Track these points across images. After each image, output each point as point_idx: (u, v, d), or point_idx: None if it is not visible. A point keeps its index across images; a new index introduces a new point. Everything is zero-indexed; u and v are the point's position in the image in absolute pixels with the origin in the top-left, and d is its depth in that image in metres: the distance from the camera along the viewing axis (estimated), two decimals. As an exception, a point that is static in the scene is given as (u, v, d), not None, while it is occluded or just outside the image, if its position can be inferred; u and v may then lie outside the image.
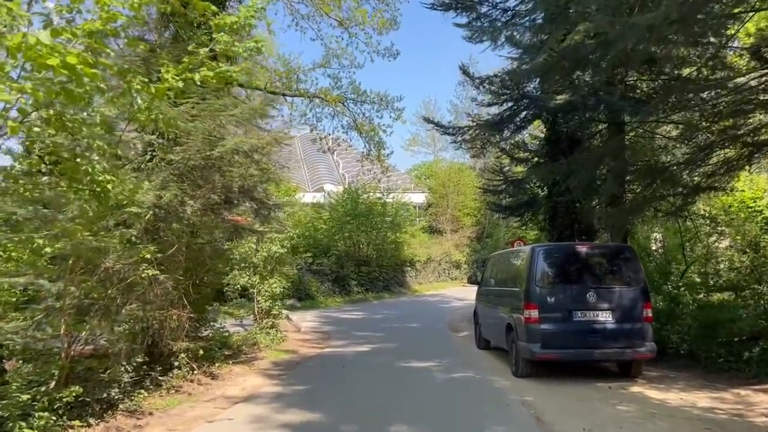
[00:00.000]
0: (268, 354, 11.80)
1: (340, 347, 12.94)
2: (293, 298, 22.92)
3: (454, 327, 16.88)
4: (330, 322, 17.93)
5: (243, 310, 13.71)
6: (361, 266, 27.73)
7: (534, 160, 16.09)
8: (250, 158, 8.60)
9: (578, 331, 8.64)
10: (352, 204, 28.18)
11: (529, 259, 9.03)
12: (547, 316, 8.68)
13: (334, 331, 15.74)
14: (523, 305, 8.88)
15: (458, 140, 14.89)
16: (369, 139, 18.57)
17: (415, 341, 13.83)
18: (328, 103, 17.76)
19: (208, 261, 9.72)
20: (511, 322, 9.39)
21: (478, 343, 12.49)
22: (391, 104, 17.42)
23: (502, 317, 9.98)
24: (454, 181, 39.89)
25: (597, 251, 9.37)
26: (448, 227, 39.24)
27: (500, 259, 11.46)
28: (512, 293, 9.68)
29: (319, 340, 14.27)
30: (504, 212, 17.28)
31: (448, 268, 36.87)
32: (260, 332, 12.99)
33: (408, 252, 32.33)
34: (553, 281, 8.96)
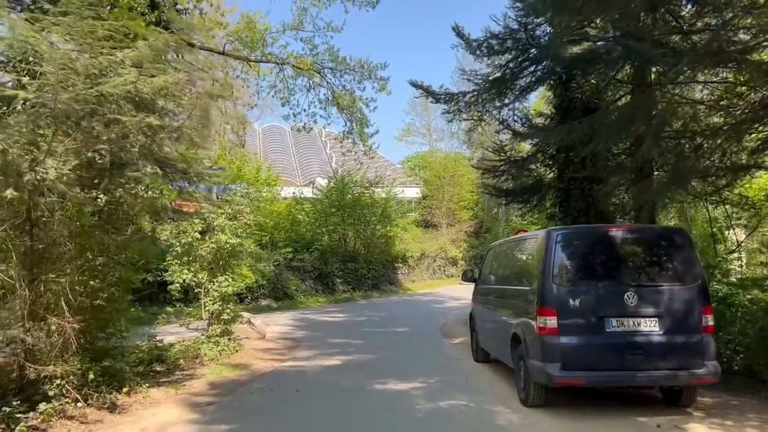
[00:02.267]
0: (210, 370, 9.38)
1: (304, 360, 10.51)
2: (269, 298, 20.60)
3: (448, 332, 14.46)
4: (304, 326, 15.49)
5: (187, 314, 11.21)
6: (348, 262, 25.28)
7: (540, 137, 13.63)
8: (150, 106, 6.14)
9: (613, 345, 6.22)
10: (337, 194, 25.71)
11: (544, 247, 6.58)
12: (569, 325, 6.27)
13: (305, 338, 13.30)
14: (535, 310, 6.46)
15: (452, 109, 12.41)
16: (350, 115, 16.09)
17: (399, 351, 11.40)
18: (302, 71, 15.30)
19: (114, 251, 7.28)
20: (519, 332, 6.96)
21: (476, 355, 10.09)
22: (373, 73, 14.97)
23: (506, 324, 7.56)
24: (450, 171, 37.41)
25: (637, 236, 6.86)
26: (443, 221, 36.78)
27: (503, 250, 8.99)
28: (520, 294, 7.25)
29: (283, 349, 11.83)
30: (505, 198, 14.84)
31: (444, 265, 34.44)
32: (207, 341, 10.58)
33: (400, 247, 29.88)
34: (577, 277, 6.52)
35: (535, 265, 6.84)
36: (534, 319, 6.48)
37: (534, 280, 6.74)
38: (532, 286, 6.79)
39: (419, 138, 51.91)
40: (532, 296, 6.71)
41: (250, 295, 20.27)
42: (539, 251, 6.75)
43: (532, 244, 7.27)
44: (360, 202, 25.78)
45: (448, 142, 49.11)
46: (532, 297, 6.67)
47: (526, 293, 6.95)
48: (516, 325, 7.10)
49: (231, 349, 10.78)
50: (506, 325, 7.55)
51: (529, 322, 6.68)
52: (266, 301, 20.50)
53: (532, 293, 6.72)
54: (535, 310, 6.46)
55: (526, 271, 7.25)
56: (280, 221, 25.34)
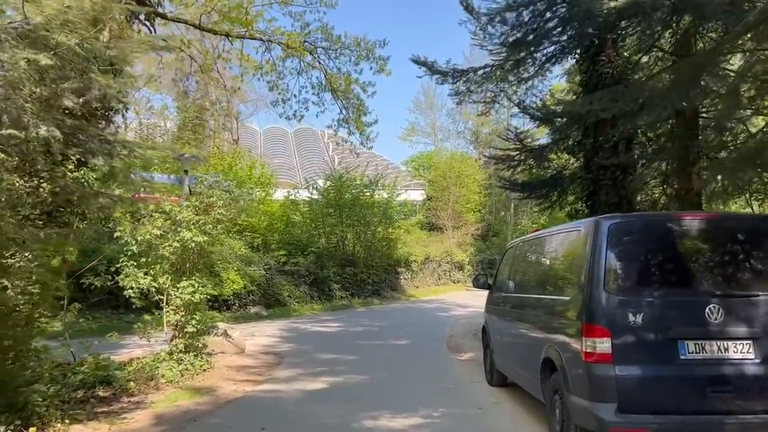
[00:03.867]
0: (165, 396, 7.65)
1: (284, 381, 8.74)
2: (259, 305, 18.87)
3: (455, 345, 12.66)
4: (293, 338, 13.72)
5: (146, 326, 9.43)
6: (346, 266, 23.49)
7: (562, 120, 11.86)
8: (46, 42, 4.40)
9: (690, 379, 4.47)
10: (335, 193, 23.94)
11: (591, 243, 4.81)
12: (628, 351, 4.52)
13: (290, 353, 11.54)
14: (579, 328, 4.69)
15: (460, 89, 10.68)
16: (346, 102, 14.36)
17: (397, 370, 9.63)
18: (292, 51, 13.60)
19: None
20: (554, 357, 5.19)
21: (490, 377, 8.31)
22: (371, 52, 13.24)
23: (534, 344, 5.80)
24: (456, 171, 35.55)
25: (722, 227, 5.02)
26: (449, 223, 34.93)
27: (527, 250, 7.15)
28: (554, 305, 5.47)
29: (261, 367, 10.07)
30: (521, 192, 13.03)
31: (450, 270, 32.58)
32: (168, 359, 8.84)
33: (402, 250, 28.05)
34: (637, 284, 4.75)
35: (576, 267, 5.07)
36: (577, 341, 4.71)
37: (575, 287, 4.98)
38: (571, 296, 5.02)
39: (424, 138, 50.26)
40: (572, 309, 4.95)
41: (238, 301, 18.57)
42: (583, 249, 4.98)
43: (570, 240, 5.48)
44: (359, 201, 23.99)
45: (454, 142, 47.48)
46: (573, 311, 4.91)
47: (564, 305, 5.17)
48: (549, 347, 5.32)
49: (197, 368, 9.04)
50: (534, 346, 5.78)
51: (569, 343, 4.91)
52: (256, 309, 18.75)
53: (572, 305, 4.96)
54: (580, 328, 4.69)
55: (563, 275, 5.48)
56: (273, 222, 23.62)
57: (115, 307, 16.03)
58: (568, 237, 5.53)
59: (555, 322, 5.32)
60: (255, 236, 22.58)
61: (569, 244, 5.46)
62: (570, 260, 5.33)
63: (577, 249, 5.14)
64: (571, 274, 5.19)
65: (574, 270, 5.10)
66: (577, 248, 5.15)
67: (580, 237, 5.15)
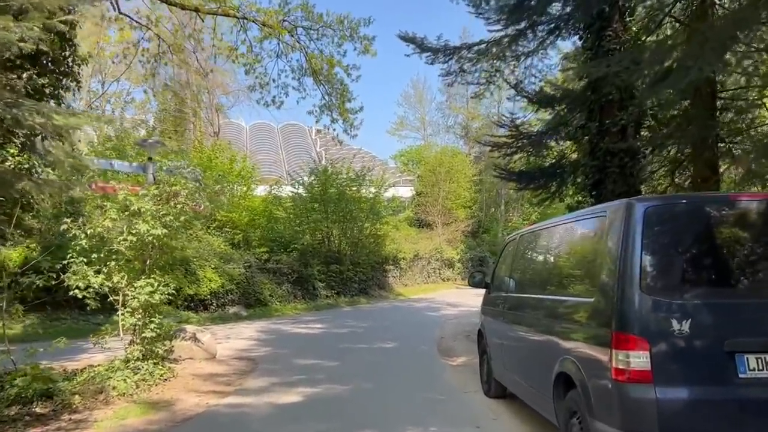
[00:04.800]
0: (113, 413, 6.61)
1: (254, 393, 7.71)
2: (238, 305, 17.77)
3: (446, 349, 11.68)
4: (271, 341, 12.69)
5: (104, 329, 8.36)
6: (331, 264, 22.45)
7: (561, 107, 10.91)
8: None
9: (751, 403, 3.52)
10: (320, 186, 22.88)
11: (622, 231, 3.83)
12: (671, 367, 3.57)
13: (266, 358, 10.50)
14: (607, 338, 3.72)
15: (452, 69, 9.68)
16: (329, 86, 13.33)
17: (383, 378, 8.63)
18: (270, 31, 12.50)
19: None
20: (571, 372, 4.22)
21: (486, 387, 7.35)
22: (355, 31, 12.21)
23: (544, 355, 4.83)
24: (446, 166, 34.58)
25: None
26: (438, 220, 33.96)
27: (531, 243, 6.12)
28: (570, 309, 4.49)
29: (232, 375, 9.03)
30: (518, 182, 12.04)
31: (439, 267, 31.62)
32: (123, 368, 7.78)
33: (391, 247, 27.04)
34: (682, 283, 3.78)
35: (601, 262, 4.08)
36: (604, 354, 3.74)
37: (600, 287, 4.00)
38: (596, 298, 4.04)
39: (413, 132, 49.16)
40: (597, 314, 3.97)
41: (216, 301, 17.50)
42: (609, 239, 4.00)
43: (591, 229, 4.49)
44: (345, 196, 22.92)
45: (444, 137, 46.56)
46: (598, 316, 3.93)
47: (585, 309, 4.19)
48: (566, 360, 4.34)
49: (156, 377, 7.99)
50: (545, 356, 4.81)
51: (592, 356, 3.94)
52: (235, 309, 17.67)
53: (597, 309, 3.98)
54: (608, 338, 3.71)
55: (582, 272, 4.48)
56: (255, 218, 22.53)
57: (82, 308, 14.94)
58: (588, 225, 4.54)
59: (573, 330, 4.34)
60: (235, 232, 21.50)
61: (590, 233, 4.48)
62: (591, 254, 4.34)
63: (602, 240, 4.16)
64: (593, 271, 4.20)
65: (599, 265, 4.11)
66: (602, 239, 4.16)
67: (605, 225, 4.17)
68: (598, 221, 4.34)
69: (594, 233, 4.39)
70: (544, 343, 4.89)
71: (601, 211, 4.38)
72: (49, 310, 14.33)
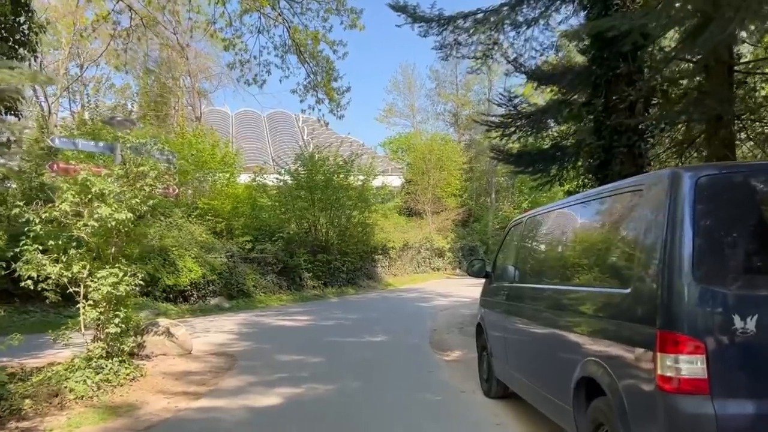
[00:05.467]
0: (69, 418, 5.87)
1: (229, 395, 6.95)
2: (220, 296, 16.99)
3: (439, 342, 11.00)
4: (253, 335, 11.93)
5: (65, 325, 7.55)
6: (318, 254, 21.68)
7: (561, 89, 10.18)
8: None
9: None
10: (306, 173, 22.05)
11: (668, 207, 3.10)
12: (733, 374, 2.87)
13: (246, 353, 9.75)
14: (650, 338, 3.00)
15: (447, 41, 8.91)
16: (314, 63, 12.51)
17: (372, 376, 7.92)
18: (251, 3, 11.64)
19: None
20: (598, 377, 3.51)
21: (487, 387, 6.66)
22: (342, 3, 11.37)
23: (562, 355, 4.15)
24: (437, 154, 33.82)
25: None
26: (428, 208, 33.26)
27: (544, 225, 5.33)
28: (599, 301, 3.75)
29: (207, 373, 8.27)
30: (515, 165, 11.27)
31: (429, 257, 30.96)
32: (84, 367, 7.00)
33: (380, 236, 26.31)
34: (745, 271, 3.06)
35: (641, 245, 3.35)
36: (646, 357, 3.03)
37: (639, 275, 3.27)
38: (634, 287, 3.31)
39: (402, 119, 48.26)
40: (636, 308, 3.25)
41: (197, 292, 16.67)
42: (650, 217, 3.28)
43: (625, 206, 3.75)
44: (333, 183, 22.11)
45: (434, 124, 45.62)
46: (638, 309, 3.21)
47: (620, 301, 3.46)
48: (591, 362, 3.63)
49: (121, 377, 7.22)
50: (562, 356, 4.12)
51: (629, 359, 3.23)
52: (216, 300, 16.89)
53: (636, 301, 3.25)
54: (650, 337, 3.00)
55: (616, 257, 3.73)
56: (239, 206, 21.67)
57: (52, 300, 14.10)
58: (621, 201, 3.80)
59: (601, 327, 3.62)
60: (218, 221, 20.65)
61: (624, 211, 3.74)
62: (627, 235, 3.61)
63: (640, 218, 3.44)
64: (629, 257, 3.49)
65: (636, 250, 3.38)
66: (640, 216, 3.44)
67: (643, 200, 3.44)
68: (633, 197, 3.61)
69: (627, 211, 3.66)
70: (560, 340, 4.17)
71: (634, 185, 3.65)
72: (18, 302, 13.49)
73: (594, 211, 4.17)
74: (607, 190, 4.03)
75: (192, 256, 16.73)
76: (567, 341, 4.06)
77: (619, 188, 3.85)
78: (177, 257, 16.19)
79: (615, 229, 3.81)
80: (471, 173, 38.20)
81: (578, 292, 4.03)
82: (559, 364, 4.17)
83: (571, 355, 3.95)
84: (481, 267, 6.75)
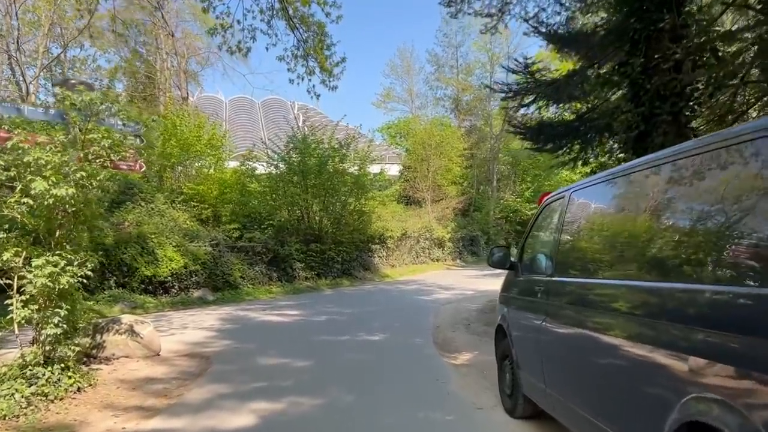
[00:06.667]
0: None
1: (191, 412, 5.63)
2: (204, 288, 15.69)
3: (444, 341, 9.72)
4: (234, 332, 10.62)
5: None
6: (311, 243, 20.34)
7: (588, 52, 8.82)
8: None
9: None
10: (298, 156, 20.67)
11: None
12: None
13: (222, 355, 8.45)
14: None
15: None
16: (305, 28, 11.14)
17: (368, 387, 6.62)
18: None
19: None
20: (724, 425, 2.17)
21: (511, 404, 5.37)
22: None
23: (647, 385, 2.80)
24: (436, 140, 32.41)
25: None
26: (428, 196, 31.92)
27: (610, 195, 3.81)
28: (722, 306, 2.41)
29: (173, 381, 6.97)
30: (535, 140, 9.83)
31: (429, 247, 29.64)
32: (16, 377, 5.68)
33: (377, 225, 24.96)
34: None
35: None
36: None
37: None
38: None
39: (400, 104, 46.63)
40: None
41: (178, 284, 15.34)
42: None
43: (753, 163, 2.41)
44: (327, 167, 20.71)
45: (433, 110, 43.98)
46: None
47: (756, 306, 2.14)
48: (704, 401, 2.32)
49: (63, 388, 5.90)
50: (646, 385, 2.80)
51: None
52: (199, 292, 15.56)
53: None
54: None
55: (751, 239, 2.38)
56: (226, 191, 20.30)
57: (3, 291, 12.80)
58: (744, 153, 2.45)
59: (724, 347, 2.30)
60: (203, 207, 19.29)
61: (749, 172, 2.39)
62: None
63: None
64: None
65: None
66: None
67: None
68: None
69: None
70: (641, 362, 2.86)
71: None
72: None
73: (704, 169, 2.79)
74: (716, 141, 2.67)
75: (173, 245, 15.38)
76: (652, 364, 2.74)
77: (742, 134, 2.49)
78: (156, 245, 14.85)
79: (734, 197, 2.45)
80: (472, 160, 36.85)
81: (670, 293, 2.71)
82: (637, 394, 2.87)
83: (662, 385, 2.65)
84: (504, 256, 5.42)
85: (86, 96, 6.36)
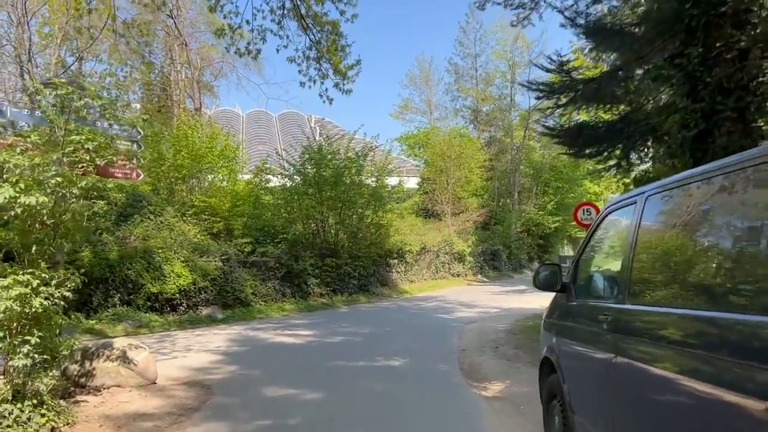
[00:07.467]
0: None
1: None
2: (213, 305, 14.88)
3: (472, 368, 8.76)
4: (242, 355, 9.76)
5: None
6: (326, 257, 19.48)
7: (633, 45, 7.90)
8: None
9: None
10: (313, 168, 19.90)
11: None
12: None
13: (226, 384, 7.57)
14: None
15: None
16: (318, 29, 10.39)
17: (388, 427, 5.69)
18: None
19: None
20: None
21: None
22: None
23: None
24: (456, 151, 31.49)
25: None
26: (447, 209, 30.96)
27: (709, 200, 2.79)
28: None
29: (165, 417, 6.10)
30: (572, 145, 8.83)
31: (449, 261, 28.62)
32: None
33: (395, 239, 24.04)
34: None
35: None
36: None
37: None
38: None
39: (418, 116, 45.82)
40: None
41: (186, 301, 14.55)
42: None
43: None
44: (343, 178, 19.90)
45: (452, 121, 43.08)
46: None
47: None
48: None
49: (32, 428, 5.06)
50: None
51: None
52: (209, 310, 14.76)
53: None
54: None
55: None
56: (238, 204, 19.57)
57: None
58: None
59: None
60: (215, 220, 18.56)
61: None
62: None
63: None
64: None
65: None
66: None
67: None
68: None
69: None
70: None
71: None
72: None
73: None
74: None
75: (181, 260, 14.62)
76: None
77: None
78: (163, 260, 14.09)
79: None
80: (492, 172, 35.88)
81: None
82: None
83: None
84: (553, 276, 4.47)
85: (62, 90, 5.58)
